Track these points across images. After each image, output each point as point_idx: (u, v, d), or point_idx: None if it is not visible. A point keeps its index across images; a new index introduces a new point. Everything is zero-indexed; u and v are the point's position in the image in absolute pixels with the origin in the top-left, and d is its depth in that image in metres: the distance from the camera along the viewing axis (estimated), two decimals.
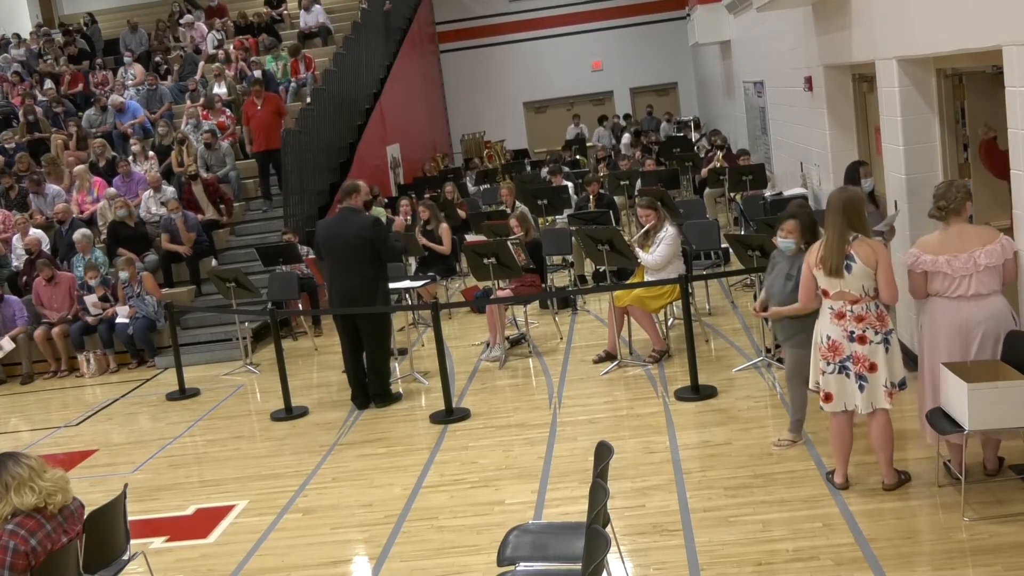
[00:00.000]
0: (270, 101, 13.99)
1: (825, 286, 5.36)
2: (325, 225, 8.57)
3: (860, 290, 5.25)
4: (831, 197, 5.46)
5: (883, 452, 5.47)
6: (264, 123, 13.79)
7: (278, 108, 14.03)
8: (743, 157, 13.70)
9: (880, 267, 5.22)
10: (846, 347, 5.32)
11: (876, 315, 5.27)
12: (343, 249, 8.18)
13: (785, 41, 11.38)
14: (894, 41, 7.17)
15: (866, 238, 5.28)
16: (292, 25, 18.88)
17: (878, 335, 5.27)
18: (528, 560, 4.30)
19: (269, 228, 13.27)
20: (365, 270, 8.23)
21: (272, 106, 13.92)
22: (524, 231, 9.97)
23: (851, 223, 5.25)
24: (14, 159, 14.46)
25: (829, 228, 5.31)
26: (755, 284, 8.58)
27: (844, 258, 5.22)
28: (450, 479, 6.59)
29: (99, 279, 11.23)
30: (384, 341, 8.52)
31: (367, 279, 8.24)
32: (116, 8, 21.80)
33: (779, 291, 6.06)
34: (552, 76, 24.77)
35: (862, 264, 5.21)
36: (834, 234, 5.26)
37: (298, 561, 5.66)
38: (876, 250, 5.25)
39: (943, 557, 4.75)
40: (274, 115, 13.85)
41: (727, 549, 5.10)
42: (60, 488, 4.29)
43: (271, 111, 13.86)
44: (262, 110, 13.86)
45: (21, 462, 4.25)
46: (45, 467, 4.30)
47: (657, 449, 6.64)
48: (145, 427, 8.85)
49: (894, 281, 5.27)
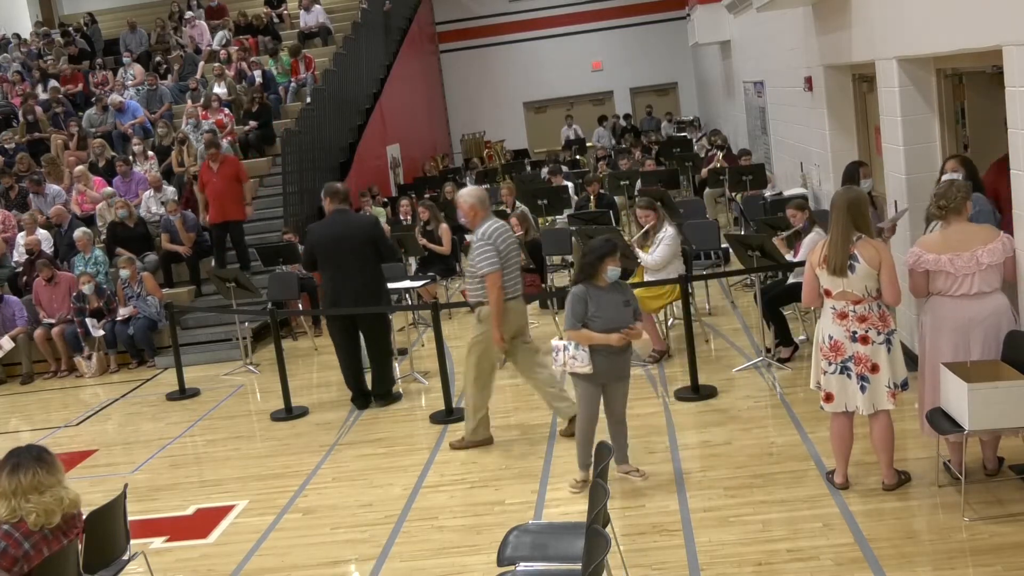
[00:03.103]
0: (228, 165, 12.08)
1: (828, 286, 5.36)
2: (324, 228, 8.34)
3: (863, 290, 5.25)
4: (836, 197, 5.46)
5: (884, 453, 5.46)
6: (219, 191, 11.90)
7: (237, 173, 12.09)
8: (744, 157, 13.70)
9: (883, 268, 5.22)
10: (848, 347, 5.31)
11: (879, 315, 5.27)
12: (350, 250, 8.10)
13: (785, 41, 11.38)
14: (894, 41, 7.17)
15: (870, 239, 5.28)
16: (292, 25, 18.88)
17: (880, 335, 5.27)
18: (528, 560, 4.30)
19: (269, 228, 13.27)
20: (372, 269, 8.23)
21: (230, 171, 12.02)
22: (524, 231, 9.97)
23: (856, 223, 5.25)
24: (14, 159, 14.46)
25: (833, 227, 5.31)
26: (755, 284, 8.57)
27: (848, 258, 5.23)
28: (450, 479, 6.59)
29: (92, 286, 11.11)
30: (388, 339, 8.57)
31: (374, 278, 8.27)
32: (116, 8, 21.79)
33: (624, 319, 5.84)
34: (552, 76, 24.77)
35: (865, 264, 5.20)
36: (838, 234, 5.26)
37: (298, 561, 5.67)
38: (880, 251, 5.24)
39: (943, 557, 4.75)
40: (232, 181, 11.97)
41: (727, 549, 5.10)
42: (57, 509, 4.22)
43: (229, 177, 11.96)
44: (218, 176, 11.93)
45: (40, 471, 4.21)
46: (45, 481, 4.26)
47: (657, 449, 6.64)
48: (145, 427, 8.85)
49: (897, 282, 5.27)
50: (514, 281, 6.82)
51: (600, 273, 5.83)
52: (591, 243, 6.08)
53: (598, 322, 5.80)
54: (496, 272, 6.62)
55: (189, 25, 18.63)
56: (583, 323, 5.83)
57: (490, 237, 6.66)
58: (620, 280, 5.96)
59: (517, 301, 6.87)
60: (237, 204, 12.04)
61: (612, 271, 5.82)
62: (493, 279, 6.61)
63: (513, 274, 6.81)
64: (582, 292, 5.85)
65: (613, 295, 5.86)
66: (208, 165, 12.09)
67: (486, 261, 6.62)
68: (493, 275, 6.62)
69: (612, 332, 5.78)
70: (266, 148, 14.93)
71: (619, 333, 5.80)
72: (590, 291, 5.84)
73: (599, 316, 5.80)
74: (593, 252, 5.88)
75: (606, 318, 5.80)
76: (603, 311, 5.81)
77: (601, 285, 5.85)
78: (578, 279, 5.97)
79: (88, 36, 19.62)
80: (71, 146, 14.90)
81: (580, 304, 5.83)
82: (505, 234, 6.80)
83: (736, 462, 6.23)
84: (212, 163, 12.02)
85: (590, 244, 6.06)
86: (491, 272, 6.62)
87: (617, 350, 5.85)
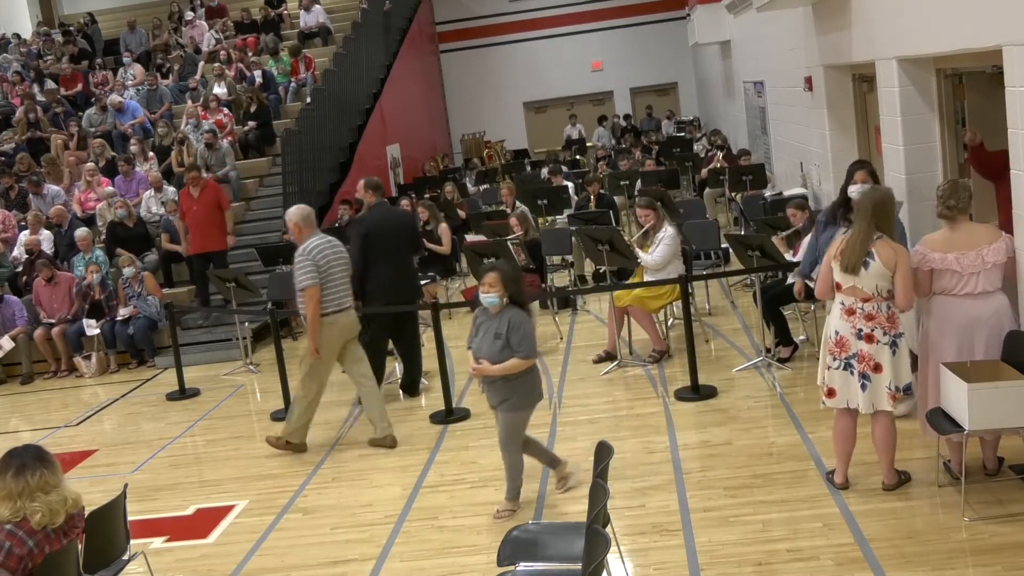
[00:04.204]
0: (209, 190, 11.39)
1: (839, 279, 5.36)
2: (376, 220, 8.17)
3: (873, 289, 5.24)
4: (862, 195, 5.49)
5: (885, 454, 5.46)
6: (199, 219, 11.26)
7: (218, 200, 11.41)
8: (744, 157, 13.70)
9: (899, 271, 5.20)
10: (853, 344, 5.31)
11: (887, 316, 5.26)
12: (404, 241, 8.30)
13: (785, 41, 11.39)
14: (894, 41, 7.17)
15: (890, 240, 5.26)
16: (292, 25, 18.88)
17: (886, 336, 5.26)
18: (528, 560, 4.30)
19: (269, 228, 13.28)
20: (413, 261, 8.61)
21: (211, 197, 11.34)
22: (524, 230, 9.97)
23: (878, 223, 5.25)
24: (14, 159, 14.46)
25: (856, 225, 5.31)
26: (755, 284, 8.57)
27: (864, 256, 5.21)
28: (450, 479, 6.59)
29: (99, 276, 11.23)
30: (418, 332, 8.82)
31: (415, 268, 8.64)
32: (116, 8, 21.81)
33: (488, 350, 5.66)
34: (552, 76, 24.77)
35: (880, 264, 5.19)
36: (859, 232, 5.25)
37: (298, 561, 5.67)
38: (898, 253, 5.22)
39: (943, 557, 4.75)
40: (213, 208, 11.33)
41: (727, 549, 5.10)
42: (60, 510, 4.23)
43: (209, 203, 11.30)
44: (199, 203, 11.28)
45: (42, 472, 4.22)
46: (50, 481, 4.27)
47: (657, 449, 6.64)
48: (145, 427, 8.85)
49: (912, 289, 5.25)
50: (338, 295, 7.06)
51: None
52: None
53: (473, 346, 5.76)
54: (312, 287, 6.88)
55: (190, 26, 18.64)
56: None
57: (310, 253, 6.93)
58: (513, 310, 5.67)
59: (344, 314, 7.12)
60: (219, 233, 11.44)
61: (484, 297, 5.67)
62: (310, 293, 6.88)
63: (336, 288, 7.05)
64: (476, 314, 5.84)
65: (490, 323, 5.70)
66: (188, 191, 11.47)
67: (304, 275, 6.90)
68: (310, 289, 6.88)
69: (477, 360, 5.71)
70: (266, 148, 14.94)
71: (472, 365, 5.72)
72: (479, 315, 5.80)
73: (474, 341, 5.77)
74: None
75: (476, 345, 5.74)
76: (477, 336, 5.75)
77: (490, 311, 5.73)
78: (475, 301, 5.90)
79: (88, 36, 19.63)
80: (71, 146, 14.91)
81: (473, 324, 5.84)
82: (327, 250, 7.03)
83: (736, 462, 6.23)
84: (192, 188, 11.40)
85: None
86: (307, 286, 6.89)
87: (487, 379, 5.72)
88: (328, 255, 7.01)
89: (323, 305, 6.94)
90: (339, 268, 7.10)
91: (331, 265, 6.99)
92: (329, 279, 6.99)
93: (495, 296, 5.62)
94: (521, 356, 5.60)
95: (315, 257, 6.91)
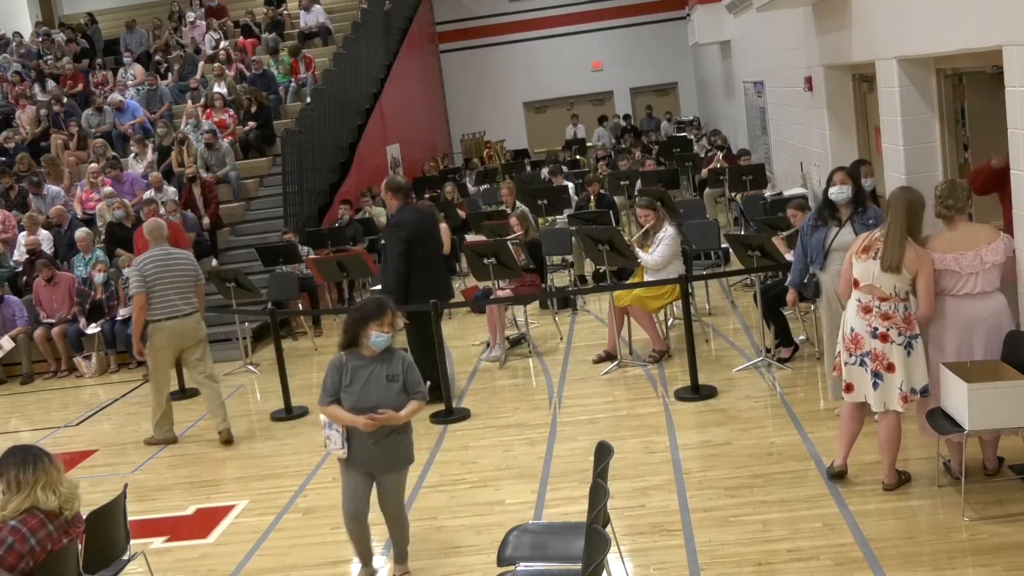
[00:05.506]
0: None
1: (858, 275, 5.34)
2: (414, 221, 8.04)
3: (891, 289, 5.23)
4: (894, 194, 5.44)
5: (888, 453, 5.46)
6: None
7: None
8: (744, 157, 13.70)
9: (921, 278, 5.17)
10: (867, 342, 5.30)
11: (903, 316, 5.23)
12: (437, 242, 8.49)
13: (785, 41, 11.39)
14: (894, 41, 7.17)
15: (915, 244, 5.23)
16: (292, 25, 18.88)
17: (901, 336, 5.24)
18: (528, 560, 4.30)
19: (269, 228, 13.28)
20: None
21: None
22: (524, 230, 9.97)
23: (909, 225, 5.22)
24: (14, 159, 14.46)
25: (891, 224, 5.24)
26: (755, 284, 8.57)
27: (902, 255, 5.16)
28: (450, 479, 6.59)
29: (104, 275, 11.22)
30: None
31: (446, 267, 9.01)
32: (116, 8, 21.80)
33: (383, 396, 4.91)
34: (552, 76, 24.77)
35: (903, 266, 5.19)
36: (895, 231, 5.20)
37: (298, 561, 5.67)
38: (921, 258, 5.18)
39: (943, 557, 4.75)
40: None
41: (727, 549, 5.10)
42: (75, 496, 4.29)
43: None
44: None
45: (54, 462, 4.27)
46: (62, 471, 4.31)
47: (657, 449, 6.64)
48: (145, 427, 8.82)
49: (933, 297, 5.19)
50: (166, 304, 7.81)
51: (363, 339, 4.95)
52: (359, 304, 5.23)
53: (349, 398, 4.93)
54: (139, 294, 7.76)
55: (190, 26, 18.64)
56: (336, 397, 4.99)
57: (138, 264, 7.86)
58: (398, 350, 5.06)
59: (178, 321, 7.85)
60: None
61: (377, 338, 4.91)
62: (136, 300, 7.81)
63: (164, 298, 7.80)
64: (338, 361, 5.00)
65: (376, 367, 4.96)
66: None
67: (132, 284, 7.85)
68: (136, 296, 7.79)
69: (365, 412, 4.88)
70: (266, 148, 14.94)
71: (366, 416, 4.86)
72: (349, 360, 4.98)
73: (350, 391, 4.94)
74: (356, 312, 5.03)
75: (358, 394, 4.92)
76: (356, 385, 4.94)
77: (366, 354, 4.97)
78: (341, 344, 5.07)
79: (88, 36, 19.63)
80: (71, 146, 14.90)
81: (334, 374, 4.98)
82: (158, 263, 7.82)
83: (736, 462, 6.23)
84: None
85: (357, 305, 5.22)
86: (133, 294, 7.84)
87: (378, 435, 4.92)
88: (158, 267, 7.80)
89: (151, 312, 7.78)
90: (168, 279, 7.84)
91: (158, 276, 7.78)
92: (155, 288, 7.77)
93: (387, 336, 4.96)
94: (420, 398, 5.01)
95: (143, 269, 7.77)
